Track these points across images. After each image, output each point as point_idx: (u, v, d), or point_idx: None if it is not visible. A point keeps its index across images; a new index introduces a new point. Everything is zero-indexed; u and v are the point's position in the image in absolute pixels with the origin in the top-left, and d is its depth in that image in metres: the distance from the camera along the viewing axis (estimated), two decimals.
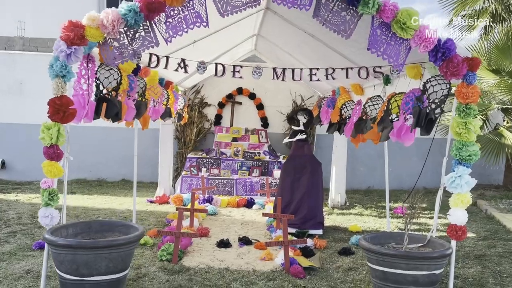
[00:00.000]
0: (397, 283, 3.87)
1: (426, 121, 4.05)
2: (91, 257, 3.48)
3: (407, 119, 4.30)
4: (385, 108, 4.89)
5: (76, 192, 9.06)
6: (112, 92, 4.69)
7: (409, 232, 4.23)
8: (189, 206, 7.63)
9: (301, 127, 7.05)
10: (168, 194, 8.62)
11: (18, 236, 5.71)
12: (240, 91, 10.48)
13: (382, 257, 3.88)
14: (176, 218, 6.61)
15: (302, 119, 7.14)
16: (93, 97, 4.36)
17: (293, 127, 7.20)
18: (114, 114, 4.66)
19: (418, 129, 4.24)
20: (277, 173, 9.03)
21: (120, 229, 4.13)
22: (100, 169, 10.68)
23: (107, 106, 4.59)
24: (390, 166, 11.07)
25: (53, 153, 3.71)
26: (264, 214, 6.18)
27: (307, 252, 5.32)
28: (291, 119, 7.33)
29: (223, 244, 5.56)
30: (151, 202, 8.24)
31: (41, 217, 3.76)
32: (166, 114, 7.12)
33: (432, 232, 4.33)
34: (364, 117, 5.53)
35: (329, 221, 7.31)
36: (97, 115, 4.54)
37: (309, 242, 5.77)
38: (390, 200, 9.55)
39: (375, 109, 5.21)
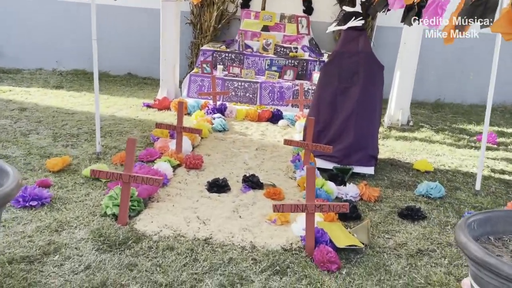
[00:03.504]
0: None
1: None
2: None
3: None
4: None
5: (63, 87, 7.23)
6: None
7: None
8: (195, 117, 5.66)
9: (357, 8, 4.56)
10: (173, 97, 6.61)
11: None
12: None
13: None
14: (164, 136, 4.67)
15: None
16: None
17: (344, 7, 4.71)
18: None
19: None
20: (318, 76, 6.69)
21: None
22: (102, 59, 8.69)
23: None
24: (473, 71, 8.44)
25: None
26: (286, 142, 4.06)
27: (347, 213, 3.25)
28: None
29: (217, 186, 3.57)
30: (148, 106, 6.28)
31: None
32: None
33: None
34: None
35: (383, 150, 5.11)
36: None
37: (352, 191, 3.68)
38: (471, 121, 7.14)
39: None
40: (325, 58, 7.07)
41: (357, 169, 4.23)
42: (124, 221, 2.87)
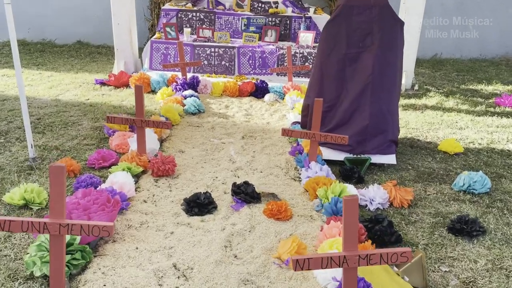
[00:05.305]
0: None
1: None
2: None
3: None
4: None
5: None
6: None
7: None
8: (161, 96, 4.56)
9: None
10: (132, 71, 5.43)
11: None
12: None
13: None
14: (122, 128, 3.59)
15: None
16: None
17: None
18: None
19: None
20: (304, 37, 5.62)
21: None
22: (45, 25, 7.35)
23: None
24: (472, 20, 7.51)
25: None
26: (284, 132, 3.04)
27: (382, 235, 2.33)
28: None
29: (197, 205, 2.56)
30: (102, 84, 5.10)
31: None
32: None
33: None
34: None
35: None
36: None
37: (379, 196, 2.75)
38: (480, 80, 6.19)
39: None
40: (311, 13, 5.97)
41: (375, 158, 3.30)
42: None
